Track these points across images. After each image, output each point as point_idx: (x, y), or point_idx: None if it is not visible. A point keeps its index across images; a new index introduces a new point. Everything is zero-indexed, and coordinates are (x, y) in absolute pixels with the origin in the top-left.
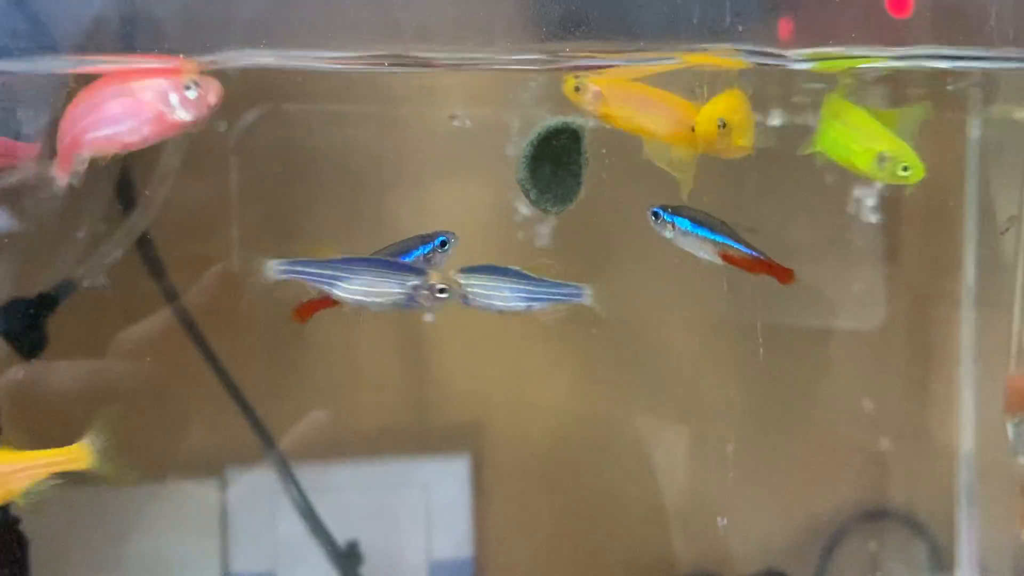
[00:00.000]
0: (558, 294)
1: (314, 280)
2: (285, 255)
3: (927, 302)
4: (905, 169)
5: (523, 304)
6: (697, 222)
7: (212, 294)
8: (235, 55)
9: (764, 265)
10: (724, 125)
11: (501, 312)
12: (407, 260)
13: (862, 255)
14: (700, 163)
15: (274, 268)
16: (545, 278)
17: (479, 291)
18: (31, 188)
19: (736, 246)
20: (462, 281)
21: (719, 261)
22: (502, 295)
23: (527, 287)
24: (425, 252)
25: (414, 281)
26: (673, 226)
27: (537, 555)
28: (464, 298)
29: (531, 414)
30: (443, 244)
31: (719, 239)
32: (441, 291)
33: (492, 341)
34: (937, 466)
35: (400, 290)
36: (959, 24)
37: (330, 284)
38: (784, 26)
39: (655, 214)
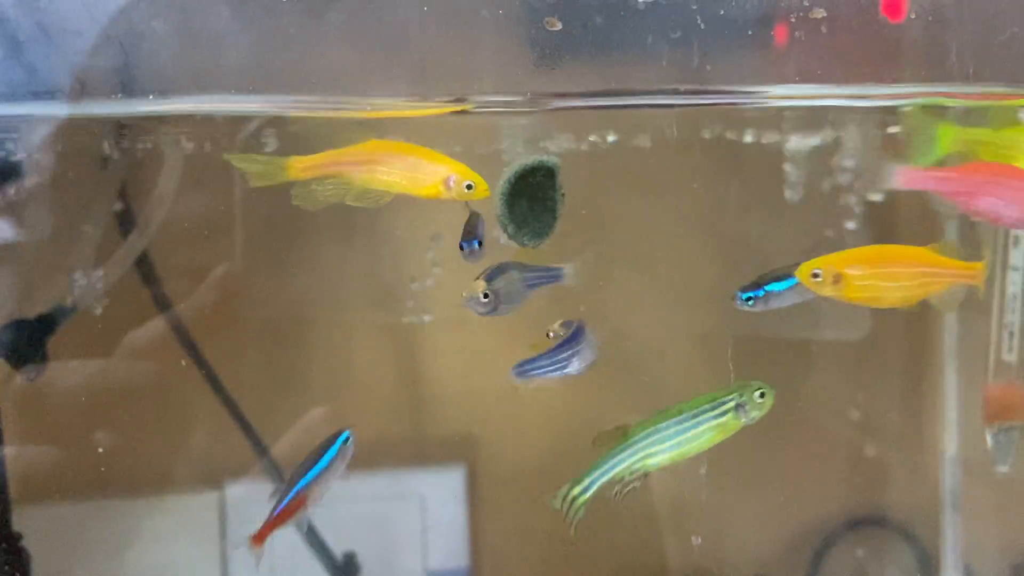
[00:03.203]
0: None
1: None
2: (285, 261)
3: (911, 312)
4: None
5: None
6: (779, 279)
7: (215, 296)
8: (224, 99)
9: None
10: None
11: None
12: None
13: None
14: (682, 175)
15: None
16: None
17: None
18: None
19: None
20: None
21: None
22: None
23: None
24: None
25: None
26: (767, 296)
27: (533, 565)
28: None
29: (526, 425)
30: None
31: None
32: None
33: (486, 352)
34: (923, 473)
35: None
36: (926, 57)
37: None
38: (780, 33)
39: (750, 299)
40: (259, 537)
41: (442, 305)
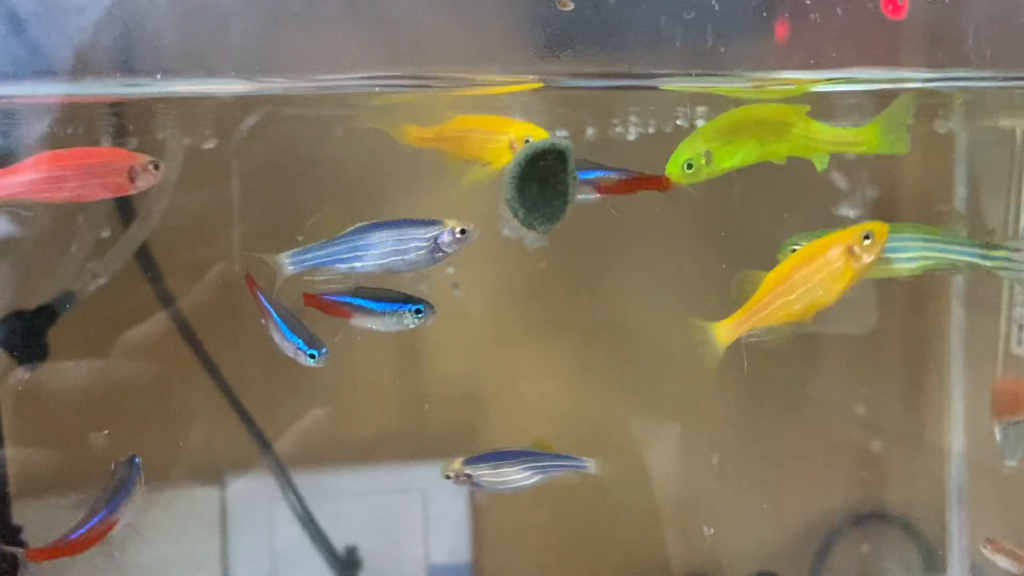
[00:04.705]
0: (562, 465)
1: (330, 262)
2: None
3: (917, 307)
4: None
5: (533, 480)
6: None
7: (214, 294)
8: (228, 80)
9: (638, 182)
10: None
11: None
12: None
13: None
14: None
15: (285, 263)
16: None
17: (489, 479)
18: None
19: (606, 174)
20: (470, 472)
21: (596, 196)
22: (510, 478)
23: (533, 463)
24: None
25: (434, 230)
26: None
27: (534, 560)
28: (477, 486)
29: (527, 419)
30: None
31: (593, 175)
32: (462, 232)
33: (488, 347)
34: (929, 468)
35: (423, 242)
36: (941, 41)
37: (349, 261)
38: (781, 30)
39: None
40: (37, 555)
41: (444, 300)
